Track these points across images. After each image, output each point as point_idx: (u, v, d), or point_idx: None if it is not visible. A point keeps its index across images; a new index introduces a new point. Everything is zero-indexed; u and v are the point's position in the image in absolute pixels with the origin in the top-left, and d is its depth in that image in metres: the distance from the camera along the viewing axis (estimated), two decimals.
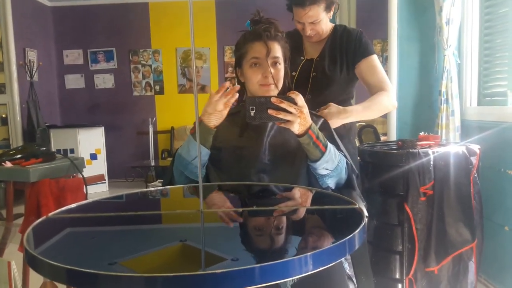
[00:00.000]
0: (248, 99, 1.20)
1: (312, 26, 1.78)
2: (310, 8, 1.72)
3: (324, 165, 1.31)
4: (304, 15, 1.74)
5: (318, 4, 1.73)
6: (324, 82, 1.84)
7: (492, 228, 2.12)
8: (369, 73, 1.84)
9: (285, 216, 1.06)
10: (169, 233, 1.01)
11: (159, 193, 1.43)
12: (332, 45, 1.88)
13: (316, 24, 1.78)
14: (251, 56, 1.40)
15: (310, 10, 1.73)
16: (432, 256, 1.83)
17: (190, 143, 1.35)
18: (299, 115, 1.18)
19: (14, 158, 2.22)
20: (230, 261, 0.74)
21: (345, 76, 1.86)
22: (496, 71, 2.35)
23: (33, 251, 0.76)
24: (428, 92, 2.66)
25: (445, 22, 2.33)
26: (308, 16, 1.75)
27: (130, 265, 0.74)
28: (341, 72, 1.86)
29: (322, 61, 1.86)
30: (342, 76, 1.86)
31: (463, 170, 1.84)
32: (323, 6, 1.75)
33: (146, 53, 6.57)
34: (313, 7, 1.72)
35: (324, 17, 1.78)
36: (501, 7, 2.25)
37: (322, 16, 1.77)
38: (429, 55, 2.63)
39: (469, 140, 2.16)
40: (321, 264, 0.72)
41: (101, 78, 6.61)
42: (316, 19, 1.76)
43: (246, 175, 1.37)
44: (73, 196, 2.08)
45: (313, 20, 1.76)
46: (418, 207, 1.82)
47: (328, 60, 1.86)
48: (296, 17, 1.78)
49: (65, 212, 1.08)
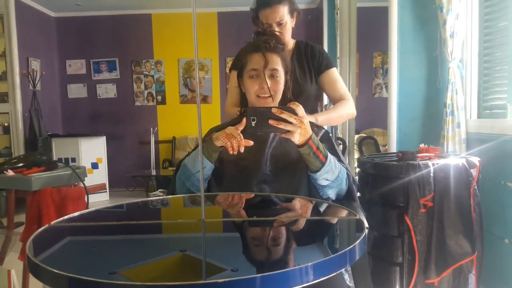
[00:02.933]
0: (248, 109, 1.21)
1: (279, 28, 1.90)
2: (276, 6, 1.87)
3: (325, 175, 1.32)
4: (271, 14, 1.87)
5: (283, 5, 1.89)
6: (296, 92, 1.90)
7: (492, 240, 2.11)
8: (331, 84, 2.00)
9: (285, 226, 1.07)
10: (169, 243, 1.01)
11: (160, 203, 1.43)
12: (298, 57, 2.00)
13: (283, 26, 1.91)
14: (250, 67, 1.42)
15: (276, 8, 1.87)
16: (432, 268, 1.83)
17: (197, 155, 1.35)
18: (300, 125, 1.19)
19: (16, 166, 2.23)
20: (230, 271, 0.74)
21: (314, 85, 2.00)
22: (495, 84, 2.36)
23: (35, 259, 0.77)
24: (429, 104, 2.67)
25: (450, 35, 2.36)
26: (275, 16, 1.88)
27: (130, 275, 0.74)
28: (311, 82, 1.98)
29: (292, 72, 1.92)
30: (312, 85, 1.99)
31: (463, 182, 1.84)
32: (287, 8, 1.90)
33: (148, 64, 6.61)
34: (279, 6, 1.88)
35: (288, 20, 1.93)
36: (500, 21, 2.27)
37: (287, 19, 1.92)
38: (430, 68, 2.65)
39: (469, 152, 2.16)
40: (322, 275, 0.72)
41: (103, 88, 6.64)
42: (282, 19, 1.89)
43: (248, 186, 1.38)
44: (75, 205, 2.09)
45: (280, 20, 1.89)
46: (418, 219, 1.81)
47: (298, 71, 1.97)
48: (264, 19, 1.90)
49: (66, 221, 1.08)
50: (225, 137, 1.26)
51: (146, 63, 6.61)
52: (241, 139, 1.24)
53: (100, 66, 6.60)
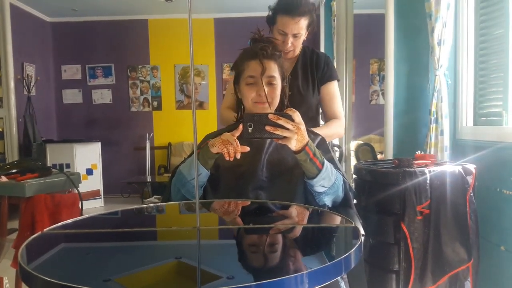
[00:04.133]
0: (245, 116, 1.20)
1: (294, 39, 1.82)
2: (300, 18, 1.77)
3: (321, 182, 1.31)
4: (292, 24, 1.78)
5: (306, 18, 1.79)
6: (297, 100, 1.88)
7: (488, 247, 2.11)
8: (329, 99, 1.95)
9: (281, 234, 1.06)
10: (164, 250, 1.00)
11: (155, 209, 1.42)
12: (303, 64, 1.93)
13: (298, 38, 1.83)
14: (247, 74, 1.41)
15: (298, 20, 1.77)
16: (428, 275, 1.82)
17: (193, 162, 1.35)
18: (296, 131, 1.19)
19: (10, 172, 2.21)
20: (225, 279, 0.73)
21: (316, 95, 1.94)
22: (491, 91, 2.37)
23: (27, 266, 0.75)
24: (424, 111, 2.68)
25: (437, 43, 2.36)
26: (295, 27, 1.78)
27: (125, 282, 0.74)
28: (313, 92, 1.92)
29: (295, 80, 1.91)
30: (314, 96, 1.93)
31: (459, 190, 1.84)
32: (308, 22, 1.81)
33: (144, 69, 6.61)
34: (302, 18, 1.77)
35: (304, 33, 1.84)
36: (496, 29, 2.28)
37: (303, 32, 1.83)
38: (423, 75, 2.66)
39: (465, 159, 2.16)
40: (317, 283, 0.71)
41: (99, 93, 6.63)
42: (299, 32, 1.80)
43: (244, 192, 1.37)
44: (69, 211, 2.07)
45: (298, 32, 1.80)
46: (415, 226, 1.81)
47: (301, 79, 1.91)
48: (282, 26, 1.80)
49: (60, 228, 1.07)
50: (221, 143, 1.25)
51: (142, 69, 6.61)
52: (238, 145, 1.23)
53: (96, 72, 6.59)
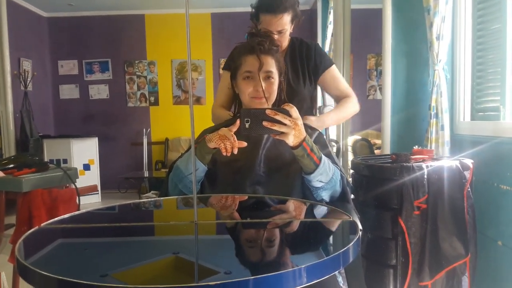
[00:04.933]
0: (242, 111, 1.20)
1: (279, 35, 1.81)
2: (282, 15, 1.76)
3: (319, 177, 1.31)
4: (274, 22, 1.77)
5: (288, 13, 1.78)
6: (288, 93, 1.86)
7: (485, 242, 2.12)
8: (333, 83, 1.96)
9: (279, 228, 1.06)
10: (162, 245, 1.00)
11: (153, 204, 1.42)
12: (292, 57, 1.92)
13: (283, 34, 1.82)
14: (244, 69, 1.40)
15: (280, 16, 1.76)
16: (426, 270, 1.83)
17: (190, 157, 1.34)
18: (294, 127, 1.19)
19: (7, 167, 2.20)
20: (223, 274, 0.73)
21: (308, 87, 1.92)
22: (489, 86, 2.37)
23: (25, 261, 0.75)
24: (423, 106, 2.68)
25: (436, 38, 2.35)
26: (278, 24, 1.78)
27: (122, 277, 0.73)
28: (305, 84, 1.91)
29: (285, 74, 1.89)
30: (306, 87, 1.91)
31: (456, 184, 1.84)
32: (291, 17, 1.80)
33: (141, 64, 6.59)
34: (284, 15, 1.76)
35: (289, 28, 1.83)
36: (494, 23, 2.27)
37: (288, 27, 1.82)
38: (422, 70, 2.65)
39: (463, 154, 2.16)
40: (315, 277, 0.71)
41: (95, 88, 6.61)
42: (284, 28, 1.80)
43: (241, 187, 1.37)
44: (66, 206, 2.07)
45: (282, 29, 1.79)
46: (412, 221, 1.81)
47: (291, 73, 1.90)
48: (265, 24, 1.79)
49: (57, 223, 1.07)
50: (218, 138, 1.25)
51: (139, 64, 6.59)
52: (235, 141, 1.23)
53: (93, 67, 6.57)
